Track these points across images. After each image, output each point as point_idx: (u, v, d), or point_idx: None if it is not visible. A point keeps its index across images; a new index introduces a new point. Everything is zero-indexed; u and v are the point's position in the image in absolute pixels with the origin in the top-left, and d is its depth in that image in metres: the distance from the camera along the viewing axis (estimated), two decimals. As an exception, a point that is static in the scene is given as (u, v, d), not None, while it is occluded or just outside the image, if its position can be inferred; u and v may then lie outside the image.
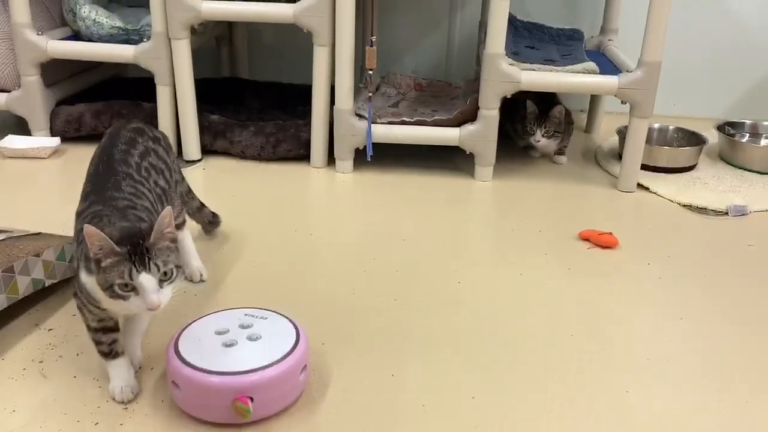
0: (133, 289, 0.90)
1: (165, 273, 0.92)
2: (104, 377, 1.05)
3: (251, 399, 0.94)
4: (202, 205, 1.45)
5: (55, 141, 1.96)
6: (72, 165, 1.90)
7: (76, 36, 2.00)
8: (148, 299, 0.90)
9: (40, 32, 1.92)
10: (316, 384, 1.06)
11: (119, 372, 1.02)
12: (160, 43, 1.86)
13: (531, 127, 1.96)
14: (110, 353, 1.01)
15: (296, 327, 1.05)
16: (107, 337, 1.01)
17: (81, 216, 1.02)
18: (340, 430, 0.97)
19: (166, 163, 1.19)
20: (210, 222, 1.49)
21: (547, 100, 1.99)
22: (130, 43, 1.92)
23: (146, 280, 0.90)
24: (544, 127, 1.95)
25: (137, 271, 0.89)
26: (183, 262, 1.07)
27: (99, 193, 1.03)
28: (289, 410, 1.00)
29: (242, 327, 1.04)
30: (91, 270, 0.93)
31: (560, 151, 2.06)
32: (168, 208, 0.93)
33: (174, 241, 0.95)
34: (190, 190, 1.39)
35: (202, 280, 1.34)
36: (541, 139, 1.96)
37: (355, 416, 1.00)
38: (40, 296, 1.24)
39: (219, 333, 1.02)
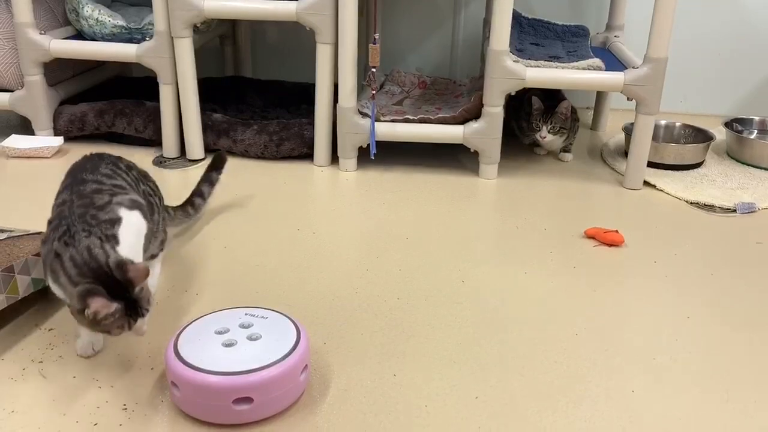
0: (127, 329, 1.00)
1: (147, 309, 1.01)
2: (104, 378, 1.05)
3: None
4: (183, 204, 1.50)
5: (59, 140, 1.96)
6: (75, 164, 1.89)
7: (79, 35, 2.00)
8: (139, 333, 1.02)
9: (42, 32, 1.91)
10: (317, 384, 1.05)
11: (85, 331, 1.08)
12: (163, 42, 1.85)
13: (537, 123, 1.94)
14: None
15: (297, 326, 1.04)
16: None
17: (51, 212, 1.09)
18: (340, 431, 0.96)
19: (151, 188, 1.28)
20: (195, 203, 1.52)
21: (552, 97, 1.97)
22: (133, 42, 1.91)
23: (140, 322, 1.00)
24: (550, 123, 1.93)
25: (134, 321, 0.99)
26: None
27: (74, 173, 1.14)
28: (289, 410, 0.99)
29: (242, 326, 1.03)
30: (57, 280, 1.00)
31: (566, 149, 2.04)
32: (146, 268, 0.99)
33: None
34: (168, 209, 1.42)
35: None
36: (547, 135, 1.94)
37: (357, 417, 0.99)
38: (41, 296, 1.23)
39: (219, 333, 1.01)
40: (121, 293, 0.97)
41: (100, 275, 0.97)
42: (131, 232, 1.06)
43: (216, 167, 1.57)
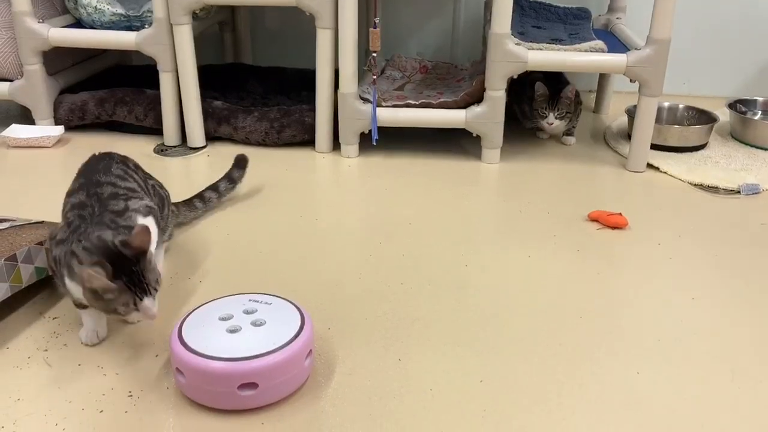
0: (135, 309, 1.00)
1: (156, 288, 1.02)
2: (109, 365, 1.05)
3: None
4: (190, 198, 1.50)
5: (59, 130, 1.95)
6: (76, 154, 1.89)
7: (78, 24, 1.99)
8: (149, 314, 1.01)
9: (41, 20, 1.90)
10: (322, 369, 1.05)
11: (88, 319, 1.09)
12: (162, 29, 1.84)
13: (543, 110, 1.93)
14: (80, 304, 1.07)
15: (301, 312, 1.04)
16: None
17: (64, 209, 1.11)
18: (346, 415, 0.96)
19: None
20: (204, 196, 1.53)
21: (555, 80, 1.96)
22: (132, 30, 1.90)
23: (147, 301, 1.00)
24: (557, 109, 1.92)
25: (140, 298, 0.99)
26: None
27: (87, 174, 1.15)
28: (294, 396, 0.99)
29: (246, 312, 1.02)
30: (73, 277, 1.01)
31: (568, 132, 2.03)
32: (144, 226, 1.01)
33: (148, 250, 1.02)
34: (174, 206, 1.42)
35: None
36: (554, 122, 1.93)
37: (362, 401, 0.99)
38: (45, 285, 1.23)
39: (223, 319, 1.01)
40: (129, 268, 0.98)
41: (106, 252, 0.99)
42: None
43: (239, 166, 1.61)
